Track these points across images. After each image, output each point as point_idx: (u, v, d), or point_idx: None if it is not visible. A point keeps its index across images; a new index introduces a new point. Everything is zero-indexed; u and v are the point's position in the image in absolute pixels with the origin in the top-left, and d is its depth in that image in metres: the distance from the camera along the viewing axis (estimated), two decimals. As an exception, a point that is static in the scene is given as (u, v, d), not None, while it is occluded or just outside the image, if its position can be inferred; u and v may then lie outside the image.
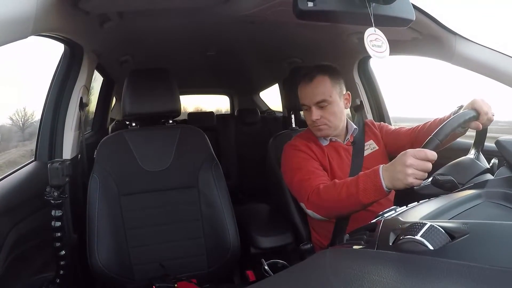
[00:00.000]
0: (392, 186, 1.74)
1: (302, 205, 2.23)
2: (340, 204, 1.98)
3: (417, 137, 2.27)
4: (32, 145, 2.60)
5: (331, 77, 2.34)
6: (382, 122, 2.66)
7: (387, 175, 1.75)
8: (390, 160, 2.33)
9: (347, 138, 2.46)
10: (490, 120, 1.79)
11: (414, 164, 1.62)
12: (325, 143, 2.44)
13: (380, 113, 3.48)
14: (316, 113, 2.31)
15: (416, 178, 1.62)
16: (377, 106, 3.50)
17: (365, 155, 2.42)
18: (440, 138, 1.60)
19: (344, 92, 2.41)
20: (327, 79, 2.33)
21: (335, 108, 2.34)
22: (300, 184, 2.25)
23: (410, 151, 1.65)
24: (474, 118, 1.74)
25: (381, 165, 1.82)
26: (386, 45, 1.74)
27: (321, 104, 2.31)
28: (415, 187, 1.64)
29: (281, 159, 2.50)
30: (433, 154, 1.60)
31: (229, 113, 7.04)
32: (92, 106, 4.14)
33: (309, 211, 2.17)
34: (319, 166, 2.32)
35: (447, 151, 2.05)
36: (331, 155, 2.40)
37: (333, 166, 2.36)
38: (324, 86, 2.31)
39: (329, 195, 2.03)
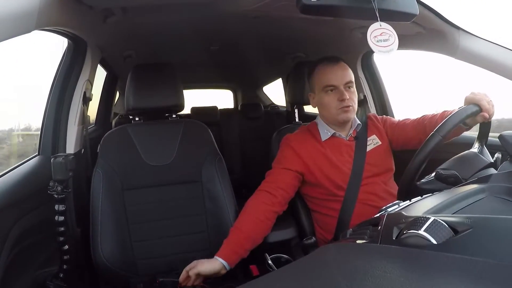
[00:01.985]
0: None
1: None
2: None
3: (425, 130, 2.24)
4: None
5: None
6: (385, 116, 2.64)
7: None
8: (394, 155, 2.34)
9: (349, 133, 2.44)
10: (493, 106, 1.80)
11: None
12: (326, 137, 2.41)
13: (384, 108, 3.47)
14: (346, 93, 2.29)
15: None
16: (381, 100, 3.50)
17: (367, 150, 2.39)
18: (442, 133, 1.61)
19: None
20: (347, 66, 2.38)
21: (356, 93, 2.37)
22: (265, 177, 2.41)
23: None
24: (477, 111, 1.74)
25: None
26: (394, 38, 1.74)
27: (349, 85, 2.32)
28: (417, 183, 1.65)
29: None
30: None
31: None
32: (95, 100, 4.14)
33: None
34: (293, 167, 2.36)
35: (451, 145, 2.05)
36: (331, 151, 2.38)
37: (333, 162, 2.34)
38: (349, 70, 2.36)
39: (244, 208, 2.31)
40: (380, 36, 1.73)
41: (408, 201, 1.36)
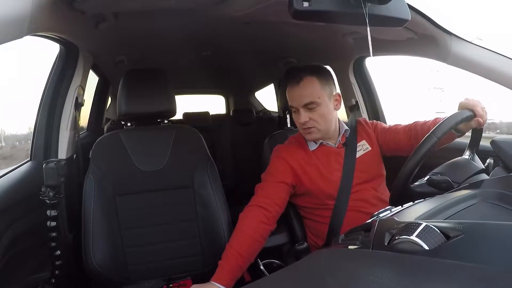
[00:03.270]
0: None
1: None
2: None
3: (416, 136, 2.23)
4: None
5: (319, 78, 2.28)
6: (376, 121, 2.63)
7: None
8: (384, 161, 2.33)
9: (338, 140, 2.42)
10: (486, 112, 1.80)
11: None
12: (313, 147, 2.40)
13: (375, 113, 3.48)
14: (304, 116, 2.25)
15: None
16: (373, 106, 3.50)
17: (357, 156, 2.38)
18: (438, 135, 1.61)
19: (335, 93, 2.36)
20: (315, 80, 2.27)
21: (324, 110, 2.28)
22: (255, 191, 2.35)
23: None
24: (471, 116, 1.74)
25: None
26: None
27: (309, 106, 2.25)
28: (411, 185, 1.65)
29: None
30: None
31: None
32: (87, 106, 4.13)
33: None
34: (286, 180, 2.33)
35: (443, 151, 2.06)
36: (319, 160, 2.37)
37: (322, 172, 2.33)
38: (312, 88, 2.26)
39: (237, 226, 2.24)
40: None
41: (400, 206, 1.36)
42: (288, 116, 3.36)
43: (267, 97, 6.73)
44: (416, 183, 1.67)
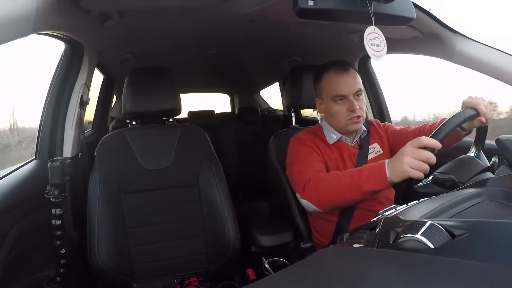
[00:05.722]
0: (393, 176, 1.70)
1: (298, 195, 2.17)
2: (337, 192, 1.94)
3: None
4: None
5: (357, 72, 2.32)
6: (387, 122, 2.62)
7: (391, 165, 1.71)
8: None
9: (355, 139, 2.41)
10: (490, 110, 1.78)
11: (410, 152, 1.60)
12: (332, 141, 2.38)
13: (381, 112, 3.47)
14: (355, 103, 2.24)
15: (412, 168, 1.59)
16: (378, 105, 3.49)
17: (368, 159, 2.37)
18: (439, 137, 1.60)
19: None
20: (356, 72, 2.31)
21: (364, 100, 2.32)
22: (298, 174, 2.20)
23: (410, 142, 1.64)
24: (474, 116, 1.73)
25: (387, 160, 1.77)
26: (384, 44, 1.74)
27: (359, 93, 2.27)
28: (414, 186, 1.64)
29: (287, 153, 2.44)
30: (430, 142, 1.57)
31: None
32: (93, 104, 4.13)
33: (304, 201, 2.10)
34: (322, 160, 2.28)
35: (448, 149, 2.05)
36: (336, 155, 2.35)
37: (339, 167, 2.31)
38: (357, 77, 2.29)
39: (327, 183, 1.99)
40: (374, 40, 1.73)
41: (405, 205, 1.35)
42: (293, 114, 3.36)
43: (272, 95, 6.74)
44: (420, 184, 1.66)
